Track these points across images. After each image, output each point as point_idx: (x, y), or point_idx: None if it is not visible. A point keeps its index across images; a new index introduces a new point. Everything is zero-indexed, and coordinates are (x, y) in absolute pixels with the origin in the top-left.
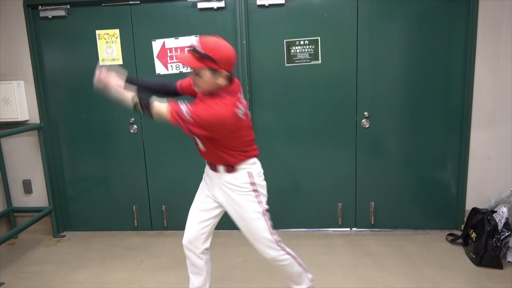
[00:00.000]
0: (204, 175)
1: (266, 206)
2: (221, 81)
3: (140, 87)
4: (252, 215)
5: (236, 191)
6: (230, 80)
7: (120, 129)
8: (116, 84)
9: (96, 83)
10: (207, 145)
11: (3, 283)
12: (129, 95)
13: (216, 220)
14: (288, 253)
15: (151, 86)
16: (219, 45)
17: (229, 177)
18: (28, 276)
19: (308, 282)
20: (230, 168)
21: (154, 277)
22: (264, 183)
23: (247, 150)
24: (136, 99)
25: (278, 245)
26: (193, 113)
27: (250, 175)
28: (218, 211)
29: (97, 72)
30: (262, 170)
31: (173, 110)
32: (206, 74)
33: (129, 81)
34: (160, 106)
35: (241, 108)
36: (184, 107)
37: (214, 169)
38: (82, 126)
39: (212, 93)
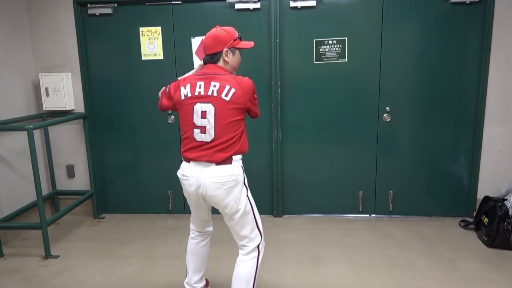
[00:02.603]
0: None
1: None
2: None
3: None
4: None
5: None
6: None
7: (158, 119)
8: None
9: None
10: None
11: (58, 256)
12: None
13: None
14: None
15: None
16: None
17: None
18: (80, 250)
19: None
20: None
21: None
22: (185, 189)
23: (183, 139)
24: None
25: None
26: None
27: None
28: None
29: None
30: (184, 177)
31: (163, 88)
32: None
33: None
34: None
35: (186, 89)
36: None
37: None
38: (122, 116)
39: None
